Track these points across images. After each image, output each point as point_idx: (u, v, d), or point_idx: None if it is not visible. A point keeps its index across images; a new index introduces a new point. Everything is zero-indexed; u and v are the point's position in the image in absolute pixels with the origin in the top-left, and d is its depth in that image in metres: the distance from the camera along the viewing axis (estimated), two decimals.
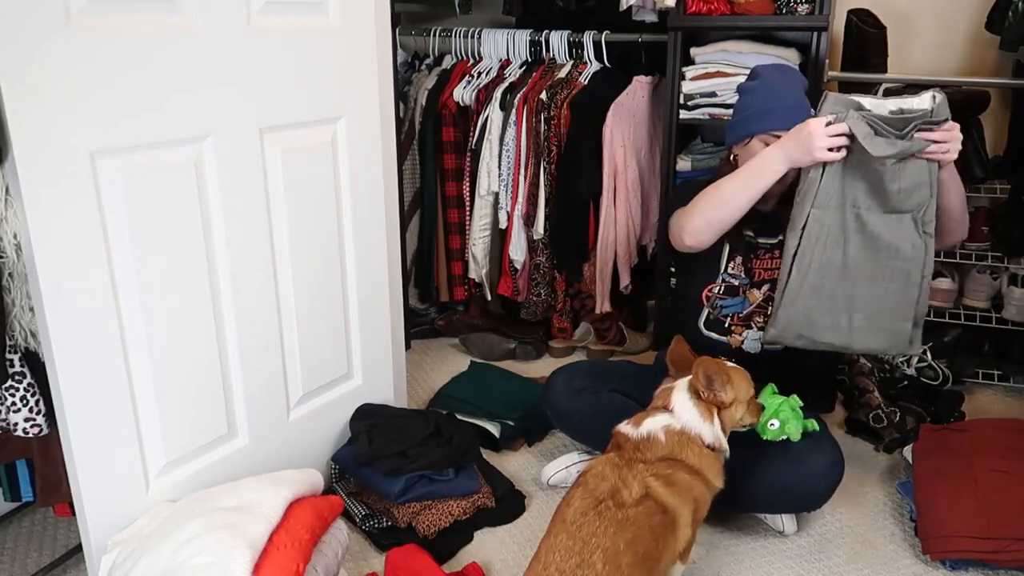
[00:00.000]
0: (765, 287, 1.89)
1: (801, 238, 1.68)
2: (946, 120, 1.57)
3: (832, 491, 1.78)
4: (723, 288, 1.92)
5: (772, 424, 1.68)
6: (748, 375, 1.67)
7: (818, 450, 1.75)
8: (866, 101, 1.61)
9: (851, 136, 1.57)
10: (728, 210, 1.73)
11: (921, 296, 1.67)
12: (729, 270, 1.93)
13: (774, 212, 1.87)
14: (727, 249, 1.92)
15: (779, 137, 1.77)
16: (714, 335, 1.93)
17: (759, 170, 1.69)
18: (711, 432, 1.58)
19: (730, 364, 1.67)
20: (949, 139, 1.57)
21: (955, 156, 1.61)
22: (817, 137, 1.58)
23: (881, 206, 1.63)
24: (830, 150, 1.59)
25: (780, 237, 1.86)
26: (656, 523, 1.45)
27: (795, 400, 1.72)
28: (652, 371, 2.02)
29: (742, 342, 1.90)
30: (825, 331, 1.71)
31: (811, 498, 1.80)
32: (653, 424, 1.57)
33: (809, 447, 1.75)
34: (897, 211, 1.62)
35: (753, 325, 1.90)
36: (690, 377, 1.60)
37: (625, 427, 1.60)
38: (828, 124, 1.59)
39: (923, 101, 1.59)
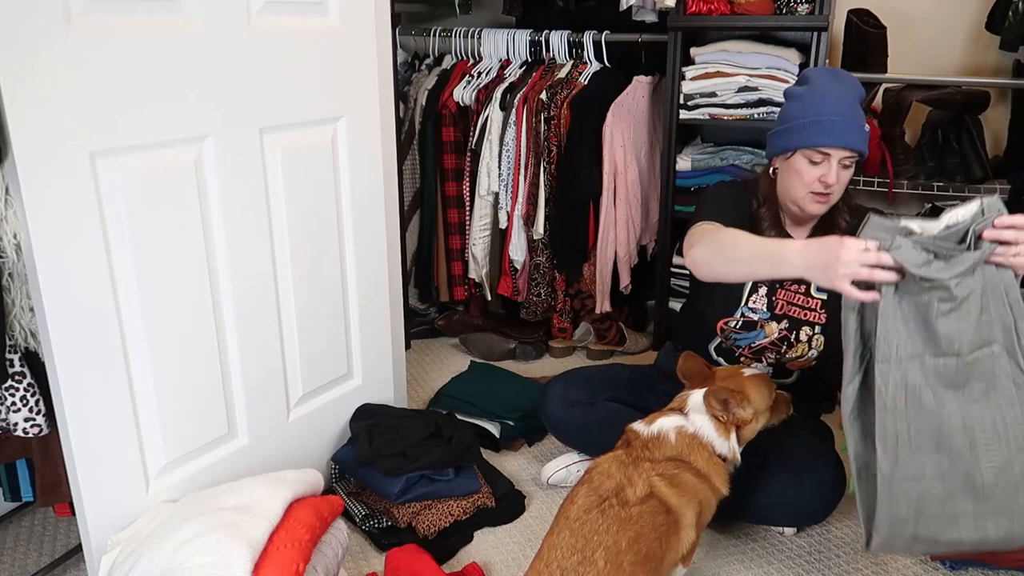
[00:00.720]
0: (784, 322, 1.80)
1: (870, 402, 1.32)
2: (1000, 214, 1.24)
3: (832, 509, 1.77)
4: (741, 323, 1.82)
5: None
6: (766, 379, 1.66)
7: (821, 468, 1.74)
8: (914, 224, 1.28)
9: (899, 270, 1.25)
10: (732, 270, 1.56)
11: None
12: (750, 304, 1.81)
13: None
14: (749, 285, 1.81)
15: (826, 155, 1.61)
16: (723, 361, 1.87)
17: (773, 259, 1.44)
18: (726, 446, 1.56)
19: (747, 373, 1.65)
20: (1018, 238, 1.24)
21: None
22: (844, 263, 1.26)
23: (967, 344, 1.28)
24: (859, 285, 1.28)
25: None
26: (659, 523, 1.44)
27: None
28: (651, 373, 2.02)
29: None
30: (946, 525, 1.31)
31: (811, 514, 1.80)
32: (665, 424, 1.57)
33: (812, 464, 1.73)
34: (986, 344, 1.28)
35: (764, 360, 1.83)
36: (706, 390, 1.59)
37: (637, 425, 1.60)
38: (866, 250, 1.26)
39: (969, 209, 1.27)
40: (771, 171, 1.78)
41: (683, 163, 2.62)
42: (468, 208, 2.82)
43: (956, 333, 1.27)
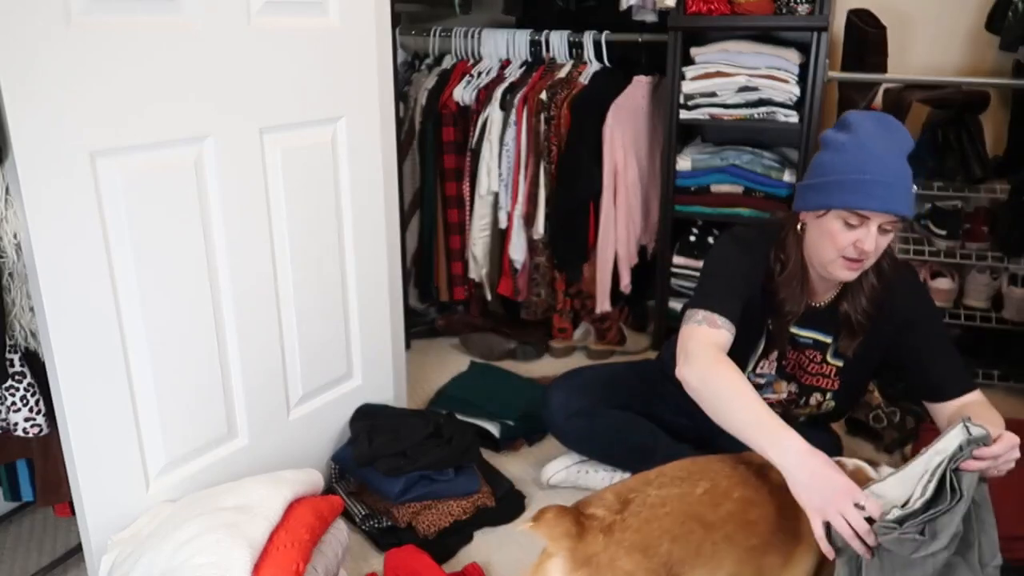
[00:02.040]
0: (793, 384, 1.72)
1: None
2: (983, 441, 1.25)
3: None
4: None
5: None
6: None
7: None
8: (891, 480, 1.26)
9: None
10: (719, 421, 1.40)
11: None
12: (758, 370, 1.70)
13: (827, 308, 1.64)
14: (760, 348, 1.67)
15: (866, 218, 1.42)
16: None
17: (767, 440, 1.31)
18: None
19: None
20: (995, 457, 1.25)
21: (1012, 465, 1.28)
22: (836, 512, 1.21)
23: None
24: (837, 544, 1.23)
25: (823, 337, 1.66)
26: (783, 516, 1.31)
27: None
28: (653, 374, 2.00)
29: None
30: None
31: None
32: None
33: None
34: (955, 560, 1.27)
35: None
36: None
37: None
38: (862, 509, 1.21)
39: (953, 438, 1.26)
40: (798, 227, 1.57)
41: (683, 163, 2.62)
42: (468, 208, 2.81)
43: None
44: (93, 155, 1.34)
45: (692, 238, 2.71)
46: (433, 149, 2.81)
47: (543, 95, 2.62)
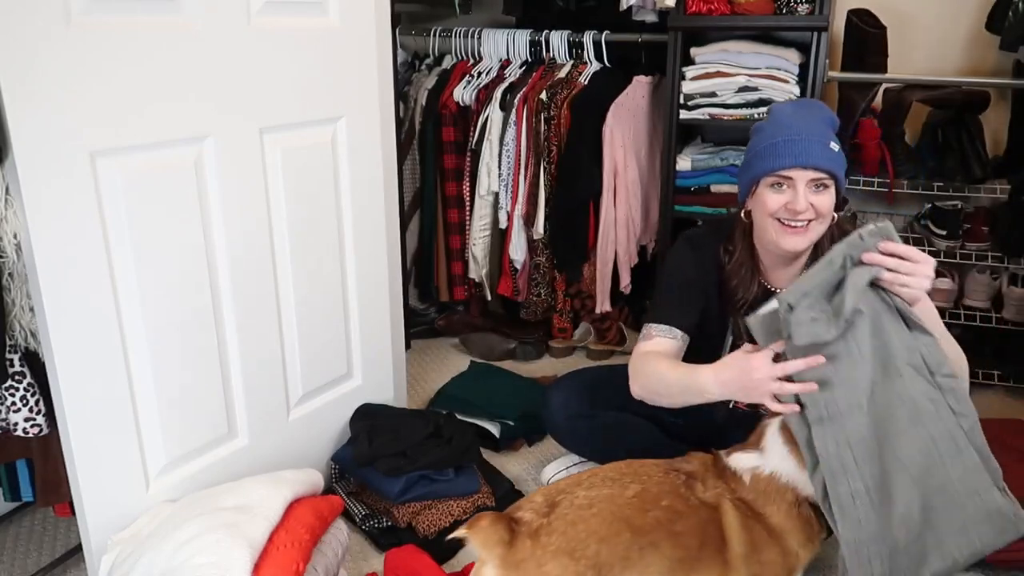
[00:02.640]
0: None
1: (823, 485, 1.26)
2: (885, 232, 1.25)
3: None
4: None
5: None
6: None
7: None
8: (793, 289, 1.26)
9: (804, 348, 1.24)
10: (673, 404, 1.52)
11: (983, 453, 1.27)
12: None
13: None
14: (729, 343, 1.70)
15: (789, 178, 1.48)
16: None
17: (695, 391, 1.43)
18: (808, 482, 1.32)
19: None
20: (899, 267, 1.24)
21: (920, 291, 1.26)
22: (760, 382, 1.28)
23: (885, 369, 1.26)
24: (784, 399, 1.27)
25: None
26: (708, 533, 1.31)
27: None
28: None
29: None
30: (917, 568, 1.23)
31: None
32: (740, 462, 1.38)
33: None
34: (896, 369, 1.26)
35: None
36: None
37: (723, 452, 1.44)
38: (776, 358, 1.27)
39: (855, 232, 1.28)
40: (744, 214, 1.63)
41: (683, 163, 2.62)
42: (468, 208, 2.82)
43: (870, 362, 1.25)
44: (93, 155, 1.34)
45: None
46: (433, 149, 2.81)
47: (543, 95, 2.62)
